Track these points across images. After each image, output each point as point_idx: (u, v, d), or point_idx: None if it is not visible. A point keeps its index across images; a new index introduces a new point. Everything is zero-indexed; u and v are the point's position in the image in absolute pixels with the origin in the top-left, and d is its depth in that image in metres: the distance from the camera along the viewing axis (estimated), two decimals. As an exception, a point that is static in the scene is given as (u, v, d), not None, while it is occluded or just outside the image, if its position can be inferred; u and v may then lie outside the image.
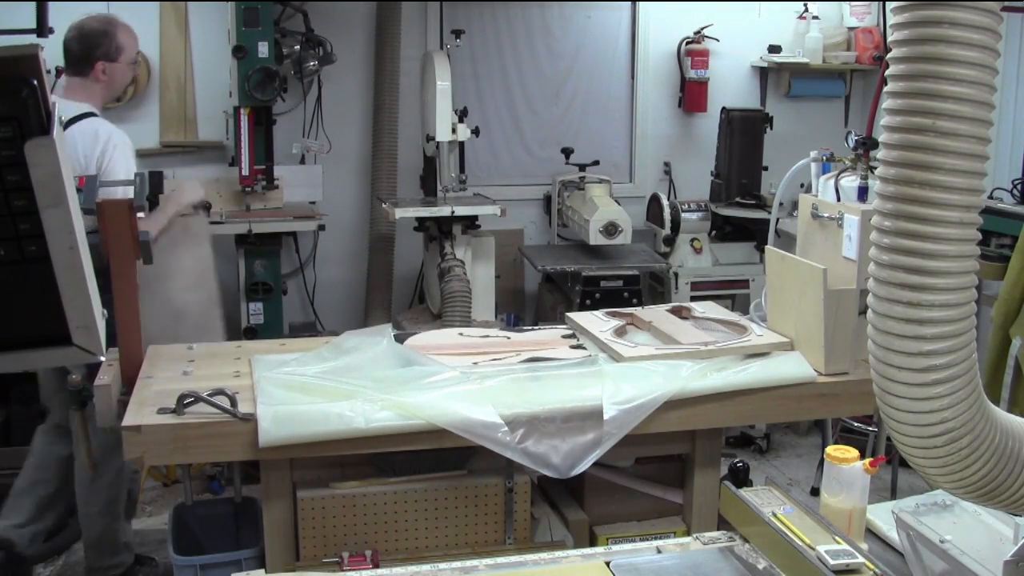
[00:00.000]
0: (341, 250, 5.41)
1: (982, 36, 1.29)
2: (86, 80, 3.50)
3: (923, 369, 1.38)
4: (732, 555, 1.86)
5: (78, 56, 3.48)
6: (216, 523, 3.03)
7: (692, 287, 5.04)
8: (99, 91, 3.54)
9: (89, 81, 3.50)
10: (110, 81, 3.53)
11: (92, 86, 3.51)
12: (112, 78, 3.53)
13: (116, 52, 3.49)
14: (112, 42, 3.49)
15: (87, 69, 3.48)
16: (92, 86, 3.51)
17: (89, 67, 3.47)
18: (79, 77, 3.51)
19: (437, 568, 1.82)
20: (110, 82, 3.54)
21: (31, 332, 1.69)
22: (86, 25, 3.51)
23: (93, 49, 3.46)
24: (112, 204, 2.70)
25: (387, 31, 5.14)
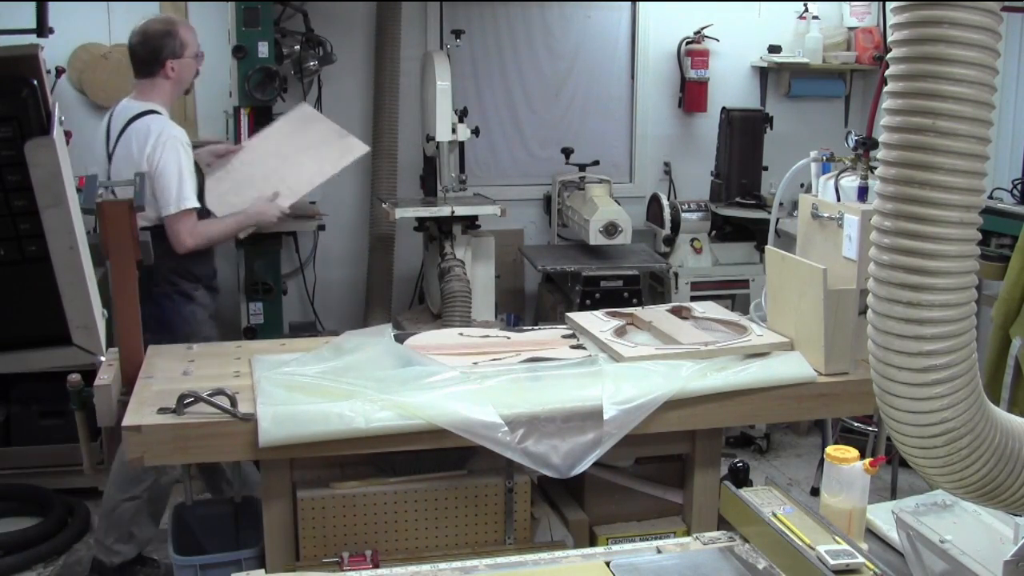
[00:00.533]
0: (341, 250, 5.41)
1: (982, 36, 1.29)
2: (156, 79, 3.66)
3: (923, 369, 1.38)
4: (732, 555, 1.86)
5: (146, 58, 3.64)
6: (216, 523, 3.03)
7: (692, 287, 5.04)
8: (169, 88, 3.70)
9: (159, 80, 3.66)
10: (178, 77, 3.69)
11: (162, 84, 3.67)
12: (180, 74, 3.68)
13: (181, 49, 3.65)
14: (176, 40, 3.65)
15: (156, 69, 3.64)
16: (162, 84, 3.67)
17: (159, 67, 3.63)
18: (148, 78, 3.67)
19: (437, 568, 1.82)
20: (178, 78, 3.70)
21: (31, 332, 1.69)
22: (149, 28, 3.68)
23: (160, 50, 3.62)
24: (112, 204, 2.70)
25: (387, 31, 5.14)
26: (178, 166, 3.50)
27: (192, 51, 3.71)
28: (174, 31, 3.66)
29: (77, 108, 4.95)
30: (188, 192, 3.52)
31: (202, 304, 3.72)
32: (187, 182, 3.52)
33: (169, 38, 3.63)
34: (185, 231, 3.53)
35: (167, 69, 3.63)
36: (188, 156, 3.57)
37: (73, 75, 4.93)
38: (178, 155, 3.52)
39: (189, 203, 3.52)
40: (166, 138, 3.52)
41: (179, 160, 3.51)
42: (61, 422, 4.23)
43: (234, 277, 4.66)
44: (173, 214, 3.50)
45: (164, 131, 3.54)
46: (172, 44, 3.63)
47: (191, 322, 3.65)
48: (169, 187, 3.49)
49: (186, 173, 3.52)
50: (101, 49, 4.92)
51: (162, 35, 3.63)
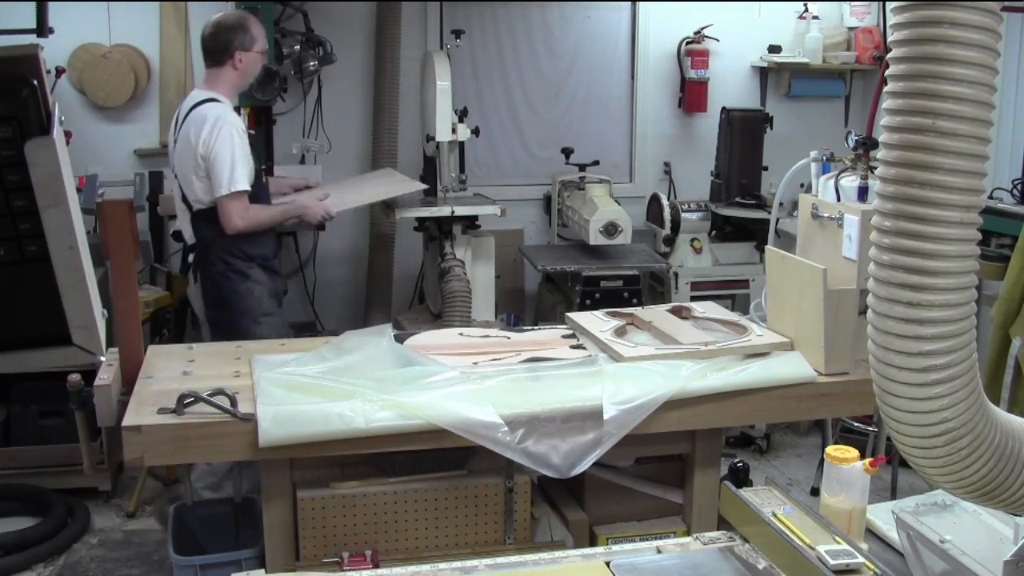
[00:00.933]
0: (341, 250, 5.41)
1: (982, 36, 1.29)
2: (222, 69, 3.77)
3: (923, 369, 1.38)
4: (732, 555, 1.86)
5: (216, 47, 3.77)
6: (216, 523, 3.02)
7: (692, 287, 5.04)
8: (233, 79, 3.81)
9: (226, 69, 3.77)
10: (244, 69, 3.80)
11: (228, 74, 3.78)
12: (246, 66, 3.80)
13: (250, 42, 3.78)
14: (247, 33, 3.77)
15: (225, 58, 3.76)
16: (228, 74, 3.78)
17: (227, 56, 3.75)
18: (216, 67, 3.79)
19: (437, 568, 1.82)
20: (244, 70, 3.81)
21: (31, 332, 1.69)
22: (223, 20, 3.83)
23: (231, 41, 3.74)
24: (112, 204, 2.70)
25: (387, 31, 5.14)
26: (231, 150, 3.61)
27: (260, 47, 3.84)
28: (246, 25, 3.80)
29: (77, 108, 4.96)
30: (240, 175, 3.63)
31: (258, 282, 3.81)
32: (239, 166, 3.62)
33: (241, 31, 3.77)
34: (235, 212, 3.65)
35: (235, 60, 3.76)
36: (243, 141, 3.68)
37: (73, 75, 4.93)
38: (232, 140, 3.63)
39: (240, 185, 3.63)
40: (222, 124, 3.63)
41: (233, 144, 3.62)
42: (61, 422, 4.23)
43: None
44: (224, 195, 3.62)
45: (221, 117, 3.65)
46: (243, 37, 3.76)
47: (247, 298, 3.76)
48: (222, 170, 3.60)
49: (239, 157, 3.63)
50: (101, 49, 4.93)
51: (234, 27, 3.77)
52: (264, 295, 3.82)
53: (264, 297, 3.81)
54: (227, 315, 3.74)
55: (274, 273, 3.91)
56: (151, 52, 5.04)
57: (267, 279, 3.85)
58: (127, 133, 5.10)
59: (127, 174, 4.95)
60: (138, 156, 5.12)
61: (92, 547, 4.00)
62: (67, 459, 4.18)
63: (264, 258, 3.84)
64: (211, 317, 3.86)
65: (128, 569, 3.85)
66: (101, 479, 4.30)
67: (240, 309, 3.73)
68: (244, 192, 3.64)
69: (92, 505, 4.27)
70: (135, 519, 4.24)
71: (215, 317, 3.83)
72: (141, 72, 5.00)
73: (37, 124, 1.52)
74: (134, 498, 4.29)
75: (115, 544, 4.03)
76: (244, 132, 3.72)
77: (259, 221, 3.74)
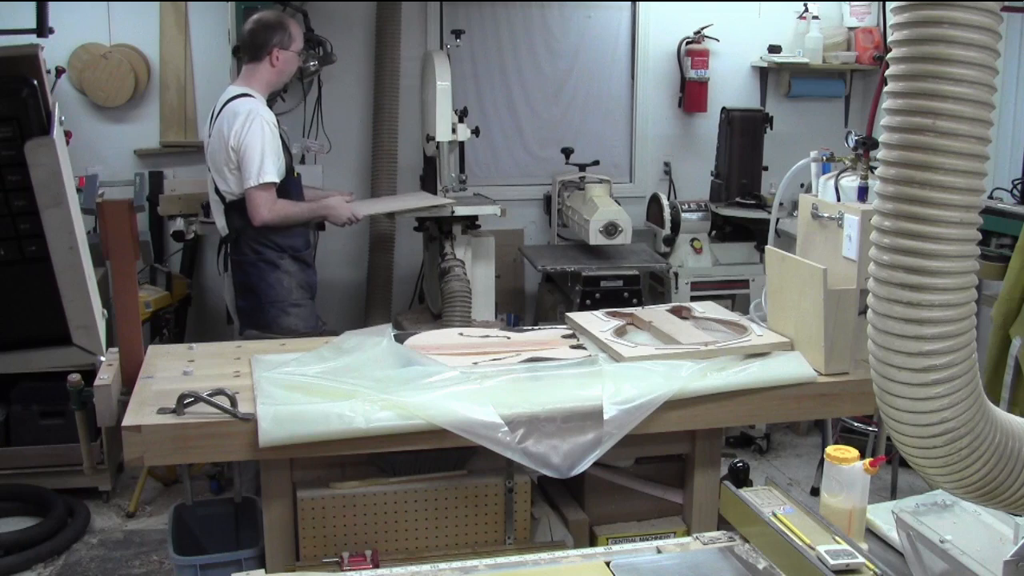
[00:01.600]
0: (341, 250, 5.41)
1: (982, 36, 1.29)
2: (259, 64, 3.87)
3: (923, 369, 1.38)
4: (732, 555, 1.86)
5: (256, 43, 3.86)
6: (216, 523, 3.02)
7: (692, 287, 5.04)
8: (268, 76, 3.89)
9: (263, 66, 3.86)
10: (281, 67, 3.89)
11: (264, 70, 3.87)
12: (283, 65, 3.89)
13: (289, 41, 3.88)
14: (286, 32, 3.88)
15: (262, 54, 3.85)
16: (264, 70, 3.87)
17: (265, 52, 3.84)
18: (253, 63, 3.88)
19: (437, 568, 1.82)
20: (281, 68, 3.90)
21: (31, 332, 1.69)
22: (264, 17, 3.94)
23: (271, 37, 3.84)
24: (112, 204, 2.69)
25: (387, 31, 5.14)
26: (261, 143, 3.68)
27: (297, 47, 3.94)
28: (285, 24, 3.89)
29: (77, 108, 4.96)
30: (269, 167, 3.69)
31: (288, 272, 3.87)
32: (269, 158, 3.68)
33: (280, 29, 3.85)
34: (263, 203, 3.71)
35: (273, 57, 3.84)
36: (274, 135, 3.74)
37: (73, 75, 4.94)
38: (263, 133, 3.69)
39: (268, 177, 3.69)
40: (254, 116, 3.70)
41: (263, 137, 3.68)
42: (61, 422, 4.24)
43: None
44: (253, 187, 3.69)
45: (253, 111, 3.73)
46: (282, 35, 3.85)
47: (276, 288, 3.83)
48: (252, 161, 3.67)
49: (268, 150, 3.69)
50: (101, 49, 4.93)
51: (275, 26, 3.86)
52: (294, 286, 3.88)
53: (294, 287, 3.88)
54: (256, 304, 3.83)
55: (306, 265, 3.97)
56: (151, 52, 5.04)
57: (298, 270, 3.91)
58: (127, 133, 5.11)
59: (127, 174, 4.96)
60: (138, 156, 5.12)
61: (92, 547, 4.00)
62: (67, 459, 4.18)
63: (295, 249, 3.91)
64: (241, 307, 3.91)
65: (128, 569, 3.85)
66: (101, 479, 4.30)
67: (269, 299, 3.81)
68: (272, 184, 3.71)
69: (92, 505, 4.28)
70: (135, 519, 4.24)
71: (245, 306, 3.89)
72: (141, 72, 5.00)
73: (37, 124, 1.52)
74: (134, 498, 4.29)
75: (115, 544, 4.03)
76: (276, 127, 3.79)
77: (286, 214, 3.79)
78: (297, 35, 3.94)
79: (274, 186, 3.73)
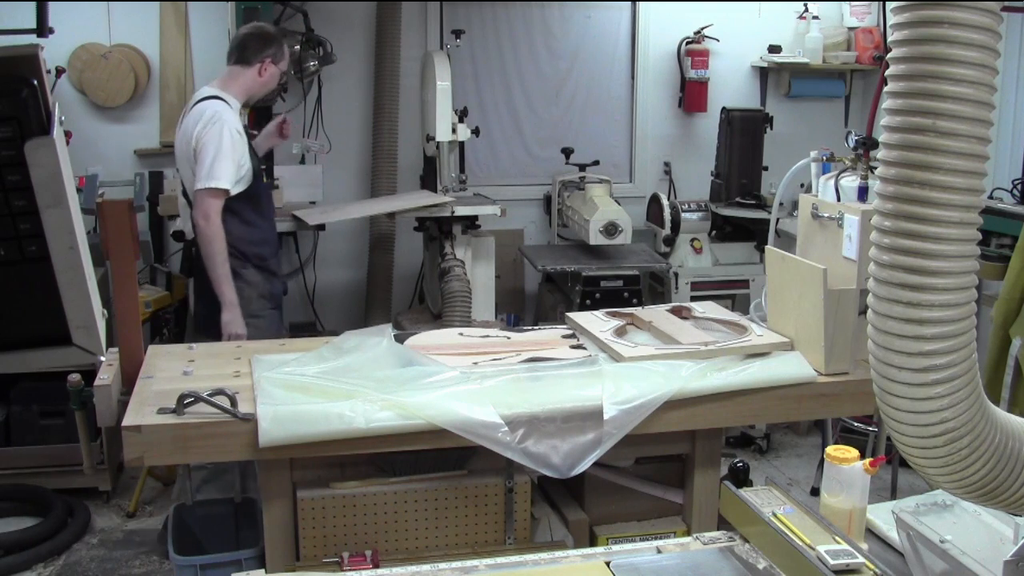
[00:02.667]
0: (341, 250, 5.41)
1: (982, 36, 1.29)
2: (246, 69, 3.80)
3: (923, 369, 1.38)
4: (732, 555, 1.86)
5: (251, 48, 3.80)
6: (216, 523, 3.02)
7: (692, 287, 5.04)
8: (251, 84, 3.83)
9: (250, 72, 3.80)
10: (266, 80, 3.85)
11: (248, 77, 3.81)
12: (268, 78, 3.85)
13: (279, 57, 3.86)
14: (281, 48, 3.87)
15: (254, 60, 3.79)
16: (248, 77, 3.81)
17: (256, 60, 3.79)
18: (240, 65, 3.81)
19: (437, 568, 1.82)
20: (265, 81, 3.85)
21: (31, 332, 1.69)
22: (264, 27, 3.94)
23: (266, 47, 3.81)
24: (112, 204, 2.69)
25: (387, 31, 5.14)
26: (217, 146, 3.57)
27: (283, 66, 3.91)
28: (282, 40, 3.89)
29: (77, 108, 4.96)
30: (219, 172, 3.56)
31: (250, 282, 3.77)
32: (221, 163, 3.56)
33: (278, 44, 3.85)
34: (205, 209, 3.57)
35: (263, 67, 3.80)
36: (234, 142, 3.62)
37: (73, 75, 4.94)
38: (221, 137, 3.59)
39: (216, 182, 3.56)
40: (217, 120, 3.62)
41: (220, 141, 3.58)
42: (61, 422, 4.24)
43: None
44: (199, 189, 3.58)
45: (218, 114, 3.64)
46: (277, 49, 3.84)
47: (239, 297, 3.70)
48: (203, 163, 3.57)
49: (224, 155, 3.57)
50: (101, 49, 4.93)
51: (274, 38, 3.86)
52: (254, 296, 3.77)
53: (253, 298, 3.77)
54: (212, 313, 3.66)
55: (271, 274, 3.87)
56: (151, 52, 5.04)
57: (261, 280, 3.81)
58: (127, 133, 5.11)
59: (127, 174, 4.96)
60: (138, 156, 5.13)
61: (92, 547, 4.00)
62: (67, 459, 4.18)
63: (261, 258, 3.81)
64: (199, 313, 3.85)
65: (128, 569, 3.85)
66: (101, 479, 4.30)
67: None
68: (221, 191, 3.56)
69: (92, 505, 4.28)
70: (135, 519, 4.24)
71: (203, 314, 3.79)
72: (141, 72, 5.00)
73: (37, 124, 1.52)
74: (134, 498, 4.29)
75: (115, 544, 4.03)
76: (241, 134, 3.67)
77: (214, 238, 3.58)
78: (287, 55, 3.93)
79: (223, 193, 3.57)
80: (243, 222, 3.74)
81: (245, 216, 3.75)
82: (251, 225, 3.76)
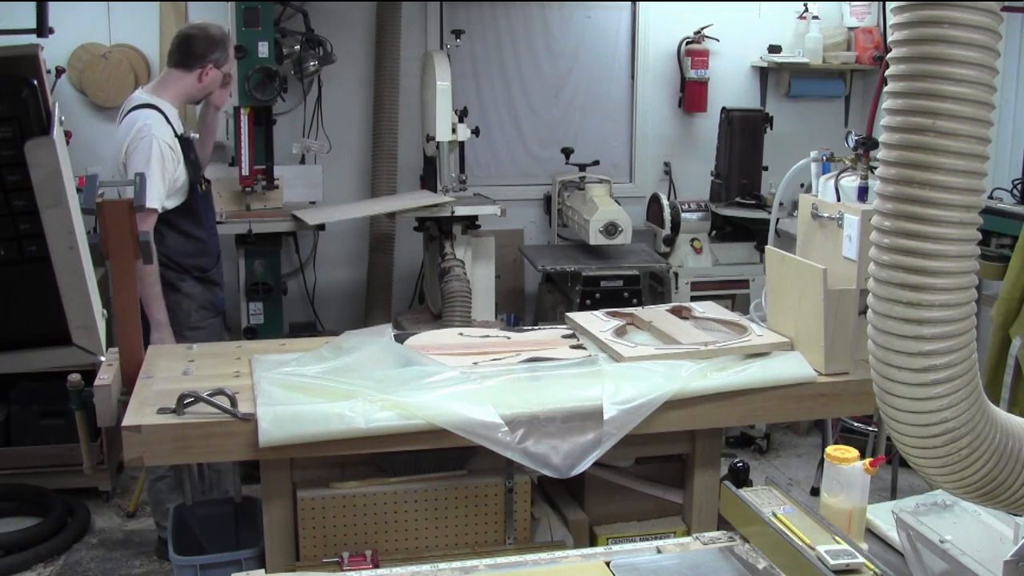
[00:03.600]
0: (341, 250, 5.41)
1: (982, 36, 1.29)
2: (186, 74, 3.71)
3: (923, 369, 1.38)
4: (732, 555, 1.86)
5: (193, 51, 3.71)
6: (216, 523, 3.02)
7: (692, 287, 5.04)
8: (190, 88, 3.74)
9: (190, 76, 3.71)
10: (206, 84, 3.76)
11: (187, 81, 3.72)
12: (209, 82, 3.76)
13: (223, 61, 3.77)
14: (225, 51, 3.77)
15: (195, 65, 3.70)
16: (187, 81, 3.72)
17: (199, 64, 3.70)
18: (180, 69, 3.72)
19: (437, 568, 1.82)
20: (205, 85, 3.76)
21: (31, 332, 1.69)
22: (209, 29, 3.79)
23: (211, 51, 3.71)
24: (112, 204, 2.69)
25: (387, 31, 5.14)
26: (148, 164, 3.46)
27: (227, 69, 3.82)
28: (227, 43, 3.79)
29: (77, 108, 4.96)
30: (150, 192, 3.40)
31: (188, 294, 3.71)
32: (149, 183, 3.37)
33: (222, 47, 3.75)
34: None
35: (204, 72, 3.71)
36: (163, 157, 3.52)
37: (73, 75, 4.93)
38: (150, 154, 3.48)
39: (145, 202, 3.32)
40: (144, 135, 3.51)
41: (150, 158, 3.48)
42: (61, 422, 4.24)
43: (234, 277, 4.66)
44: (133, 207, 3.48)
45: (146, 127, 3.53)
46: (221, 53, 3.74)
47: (175, 311, 3.62)
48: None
49: (152, 173, 3.44)
50: (101, 49, 4.93)
51: (218, 41, 3.74)
52: (193, 308, 3.73)
53: (193, 311, 3.72)
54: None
55: (212, 284, 3.81)
56: (151, 52, 5.03)
57: (201, 291, 3.76)
58: (127, 133, 5.09)
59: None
60: (138, 156, 5.11)
61: (92, 547, 4.00)
62: (67, 459, 4.18)
63: (201, 269, 3.76)
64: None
65: (128, 569, 3.85)
66: (101, 479, 4.30)
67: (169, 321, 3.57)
68: (150, 210, 3.45)
69: (92, 505, 4.28)
70: (135, 519, 4.24)
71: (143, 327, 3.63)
72: (141, 72, 5.00)
73: (37, 124, 1.52)
74: (134, 498, 4.29)
75: (115, 544, 4.03)
76: (172, 147, 3.57)
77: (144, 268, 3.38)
78: (231, 58, 3.84)
79: (153, 213, 3.48)
80: (180, 234, 3.68)
81: (182, 228, 3.68)
82: (189, 236, 3.71)
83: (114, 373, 2.65)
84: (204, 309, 3.79)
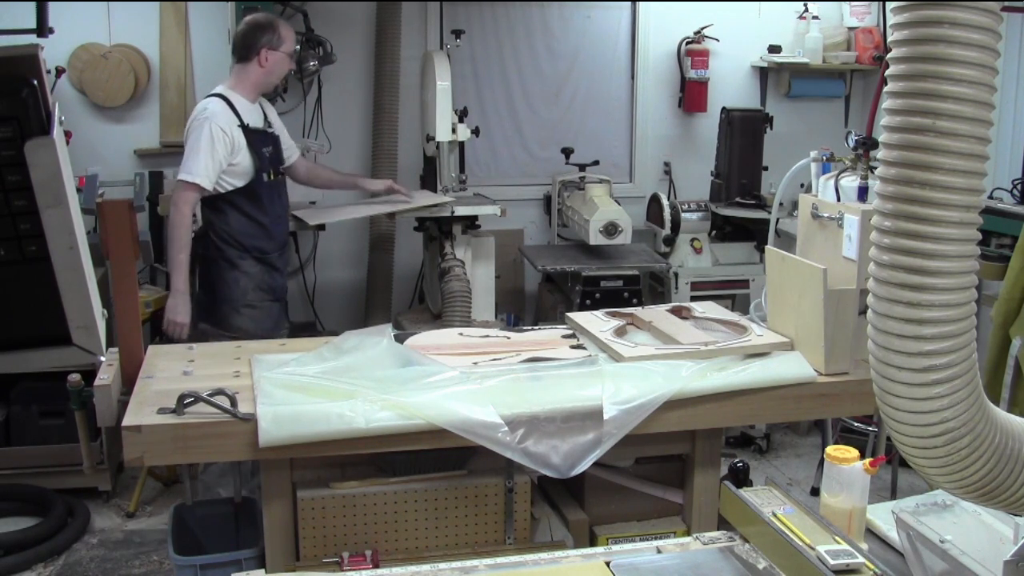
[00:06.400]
0: (341, 250, 5.41)
1: (982, 36, 1.29)
2: (247, 65, 3.91)
3: (923, 369, 1.38)
4: (732, 555, 1.86)
5: (245, 43, 3.91)
6: (216, 523, 3.02)
7: (692, 287, 5.04)
8: (257, 76, 3.93)
9: (251, 66, 3.90)
10: (270, 68, 3.92)
11: (253, 71, 3.91)
12: (272, 65, 3.92)
13: (278, 42, 3.90)
14: (276, 33, 3.90)
15: (251, 54, 3.89)
16: (253, 71, 3.91)
17: (254, 52, 3.88)
18: (242, 63, 3.92)
19: (437, 568, 1.82)
20: (270, 69, 3.93)
21: (31, 332, 1.69)
22: (253, 18, 3.98)
23: (259, 37, 3.88)
24: (112, 204, 2.69)
25: (387, 31, 5.14)
26: (195, 142, 3.71)
27: (288, 48, 3.95)
28: (275, 25, 3.92)
29: (77, 108, 4.96)
30: (193, 167, 3.70)
31: (247, 272, 3.90)
32: (195, 159, 3.70)
33: (270, 30, 3.88)
34: (176, 199, 3.74)
35: (261, 57, 3.87)
36: (216, 139, 3.73)
37: (73, 75, 4.94)
38: (200, 133, 3.71)
39: (187, 176, 3.71)
40: (204, 117, 3.74)
41: (199, 137, 3.71)
42: (61, 422, 4.24)
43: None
44: (176, 180, 3.76)
45: (207, 110, 3.77)
46: (271, 36, 3.87)
47: (232, 287, 3.87)
48: (185, 157, 3.73)
49: (200, 151, 3.70)
50: (101, 49, 4.93)
51: (264, 26, 3.90)
52: (251, 287, 3.90)
53: (250, 289, 3.90)
54: (212, 300, 3.89)
55: (271, 267, 3.97)
56: (151, 52, 5.04)
57: (260, 271, 3.93)
58: (127, 133, 5.11)
59: (127, 174, 4.96)
60: (138, 156, 5.12)
61: (92, 547, 4.00)
62: (67, 459, 4.18)
63: (262, 251, 3.93)
64: (199, 299, 3.95)
65: (128, 569, 3.85)
66: (101, 479, 4.30)
67: (223, 296, 3.86)
68: (192, 184, 3.70)
69: (92, 505, 4.28)
70: (135, 519, 4.24)
71: (203, 299, 3.94)
72: (141, 72, 5.00)
73: (37, 124, 1.52)
74: (134, 498, 4.29)
75: (115, 544, 4.03)
76: (223, 130, 3.75)
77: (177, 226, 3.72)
78: (287, 36, 3.95)
79: (194, 187, 3.71)
80: (242, 215, 3.89)
81: (244, 209, 3.89)
82: (251, 219, 3.90)
83: (114, 373, 2.65)
84: (261, 290, 3.95)
